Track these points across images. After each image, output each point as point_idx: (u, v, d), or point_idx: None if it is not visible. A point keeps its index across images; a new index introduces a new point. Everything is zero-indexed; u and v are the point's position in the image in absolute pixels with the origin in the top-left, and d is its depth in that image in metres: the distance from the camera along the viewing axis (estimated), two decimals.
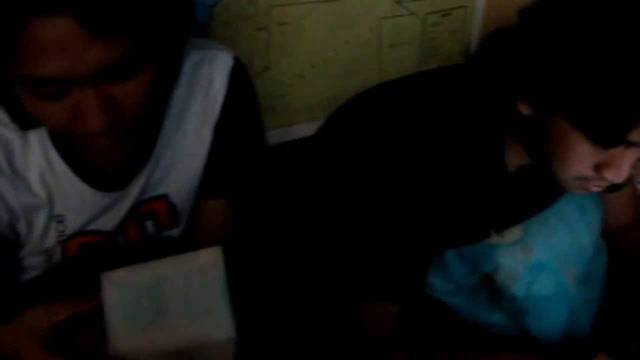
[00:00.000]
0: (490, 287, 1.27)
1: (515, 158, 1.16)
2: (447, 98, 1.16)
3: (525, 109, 1.06)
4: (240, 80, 1.12)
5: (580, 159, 1.02)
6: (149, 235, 1.14)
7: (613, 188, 1.15)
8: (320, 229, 1.26)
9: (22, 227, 1.03)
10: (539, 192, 1.24)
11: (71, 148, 1.01)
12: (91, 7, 0.74)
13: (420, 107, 1.16)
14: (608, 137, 0.98)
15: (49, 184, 1.02)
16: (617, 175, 1.02)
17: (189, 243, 1.17)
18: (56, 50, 0.76)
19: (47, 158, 1.01)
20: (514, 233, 1.23)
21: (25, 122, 0.97)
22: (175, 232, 1.17)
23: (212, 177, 1.14)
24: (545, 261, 1.22)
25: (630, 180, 1.28)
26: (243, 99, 1.13)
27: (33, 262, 1.08)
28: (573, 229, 1.26)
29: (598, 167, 1.03)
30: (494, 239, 1.22)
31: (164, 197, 1.12)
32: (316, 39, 1.46)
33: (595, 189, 1.09)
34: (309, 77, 1.50)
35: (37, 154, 1.00)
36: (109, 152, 0.93)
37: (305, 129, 1.55)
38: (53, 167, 1.02)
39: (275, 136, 1.50)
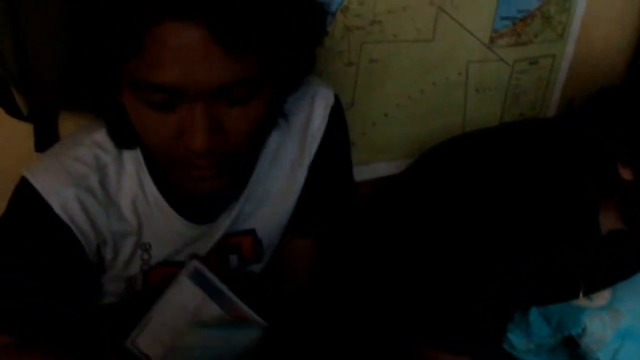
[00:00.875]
0: (571, 349, 1.23)
1: (608, 221, 1.12)
2: (546, 153, 1.13)
3: (626, 174, 1.02)
4: (339, 119, 1.09)
5: None
6: (232, 269, 1.11)
7: None
8: (402, 269, 1.23)
9: (108, 252, 1.01)
10: (629, 257, 1.20)
11: (165, 175, 0.99)
12: (228, 21, 0.72)
13: (518, 160, 1.13)
14: None
15: (140, 210, 1.00)
16: None
17: (269, 279, 1.14)
18: (180, 57, 0.74)
19: (140, 184, 0.99)
20: (602, 297, 1.19)
21: (122, 139, 0.95)
22: (258, 267, 1.14)
23: (303, 215, 1.12)
24: (633, 328, 1.19)
25: None
26: (339, 138, 1.11)
27: (113, 289, 1.06)
28: None
29: None
30: (582, 301, 1.18)
31: (251, 232, 1.10)
32: (404, 78, 1.44)
33: None
34: (393, 116, 1.47)
35: (131, 178, 0.98)
36: (205, 183, 0.90)
37: (384, 169, 1.52)
38: (146, 193, 0.99)
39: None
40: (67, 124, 1.21)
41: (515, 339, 1.24)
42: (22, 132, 1.18)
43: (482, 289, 1.10)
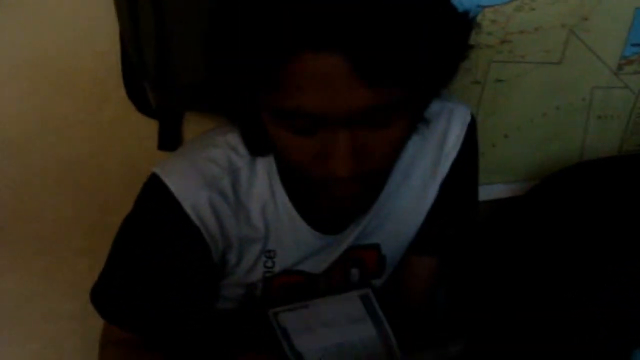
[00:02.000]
0: None
1: None
2: None
3: None
4: (472, 138, 1.07)
5: None
6: (352, 282, 1.10)
7: None
8: (518, 290, 1.19)
9: (232, 257, 0.99)
10: None
11: (297, 184, 0.97)
12: (367, 53, 0.70)
13: None
14: None
15: (269, 217, 0.99)
16: None
17: (389, 295, 1.12)
18: (319, 85, 0.72)
19: (271, 190, 0.98)
20: None
21: (256, 147, 0.94)
22: (378, 282, 1.12)
23: (429, 234, 1.09)
24: None
25: None
26: (471, 157, 1.08)
27: (231, 294, 1.05)
28: None
29: None
30: None
31: (376, 247, 1.08)
32: (527, 100, 1.40)
33: None
34: (513, 138, 1.44)
35: (262, 184, 0.97)
36: (344, 201, 0.88)
37: (500, 191, 1.49)
38: (276, 200, 0.98)
39: None
40: (190, 124, 1.21)
41: None
42: (147, 129, 1.19)
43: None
